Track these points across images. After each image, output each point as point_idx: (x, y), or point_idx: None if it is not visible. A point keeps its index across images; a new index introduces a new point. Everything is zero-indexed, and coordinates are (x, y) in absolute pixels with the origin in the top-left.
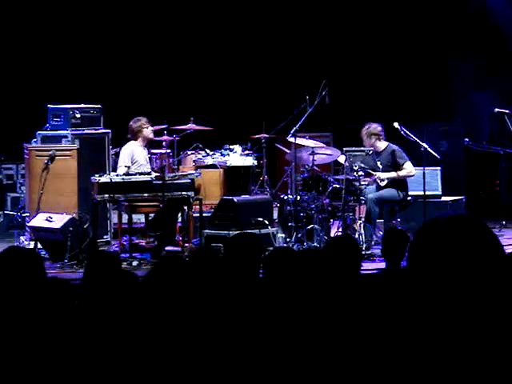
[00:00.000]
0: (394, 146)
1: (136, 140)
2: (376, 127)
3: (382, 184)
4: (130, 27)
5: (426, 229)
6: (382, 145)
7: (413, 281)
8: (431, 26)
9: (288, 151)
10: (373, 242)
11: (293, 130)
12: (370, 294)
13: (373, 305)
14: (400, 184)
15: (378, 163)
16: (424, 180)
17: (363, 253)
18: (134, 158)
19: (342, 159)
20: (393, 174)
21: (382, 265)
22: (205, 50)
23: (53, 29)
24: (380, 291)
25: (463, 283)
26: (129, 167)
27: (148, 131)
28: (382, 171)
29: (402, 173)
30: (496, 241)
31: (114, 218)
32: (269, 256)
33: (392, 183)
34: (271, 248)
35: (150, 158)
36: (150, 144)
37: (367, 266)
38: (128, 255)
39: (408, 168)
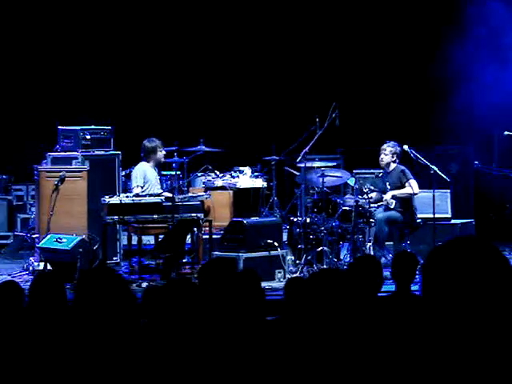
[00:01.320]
0: (402, 166)
1: (148, 161)
2: (399, 149)
3: (392, 206)
4: (141, 49)
5: (436, 253)
6: (393, 165)
7: (427, 305)
8: (441, 49)
9: (297, 173)
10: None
11: (302, 153)
12: (382, 316)
13: (384, 327)
14: (407, 206)
15: (387, 184)
16: (433, 203)
17: None
18: (146, 178)
19: (351, 181)
20: (397, 192)
21: (392, 287)
22: (215, 73)
23: (64, 51)
24: (390, 314)
25: (476, 307)
26: (142, 187)
27: (160, 155)
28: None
29: (405, 190)
30: (507, 264)
31: (124, 240)
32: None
33: (400, 205)
34: (280, 270)
35: (160, 179)
36: (159, 165)
37: None
38: (137, 277)
39: (412, 185)
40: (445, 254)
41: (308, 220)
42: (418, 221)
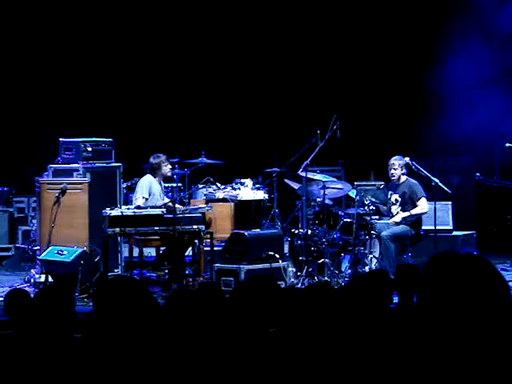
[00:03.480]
0: (414, 181)
1: (154, 176)
2: (404, 161)
3: (397, 220)
4: (142, 61)
5: (433, 265)
6: (403, 178)
7: (421, 317)
8: (442, 60)
9: (297, 187)
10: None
11: (304, 165)
12: (384, 328)
13: (387, 340)
14: (416, 220)
15: (397, 195)
16: (435, 215)
17: None
18: (150, 191)
19: (353, 193)
20: (406, 214)
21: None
22: (217, 85)
23: (65, 63)
24: (393, 326)
25: (467, 323)
26: (147, 199)
27: (166, 169)
28: (401, 204)
29: (414, 211)
30: (503, 283)
31: (125, 252)
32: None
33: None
34: (282, 282)
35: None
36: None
37: None
38: None
39: (421, 205)
40: (442, 269)
41: (309, 232)
42: (421, 233)
